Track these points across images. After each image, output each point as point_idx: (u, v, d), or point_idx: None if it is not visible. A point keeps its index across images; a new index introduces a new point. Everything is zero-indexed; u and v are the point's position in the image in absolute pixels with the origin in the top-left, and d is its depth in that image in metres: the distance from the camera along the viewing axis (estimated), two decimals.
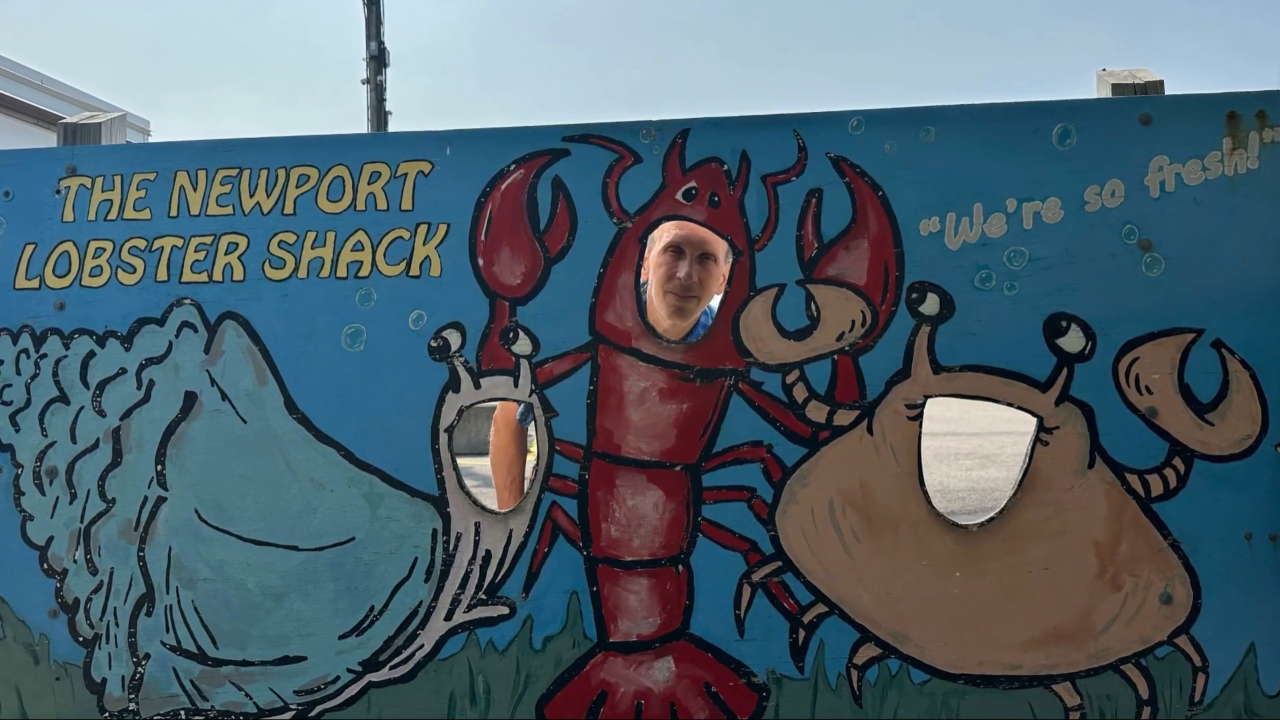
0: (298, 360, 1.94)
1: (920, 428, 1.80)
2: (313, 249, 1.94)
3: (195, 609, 1.94)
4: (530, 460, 2.29)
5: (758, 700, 1.82)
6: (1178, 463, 1.74)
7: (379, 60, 14.61)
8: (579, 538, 1.87)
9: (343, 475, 1.91)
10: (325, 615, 1.91)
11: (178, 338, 1.97)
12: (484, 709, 1.87)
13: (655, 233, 1.98)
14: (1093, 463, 1.75)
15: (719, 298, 1.92)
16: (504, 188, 1.91)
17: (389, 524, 1.90)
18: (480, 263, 1.90)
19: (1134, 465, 1.75)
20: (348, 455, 1.91)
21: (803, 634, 1.81)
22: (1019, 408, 1.78)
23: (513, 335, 1.88)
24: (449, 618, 1.88)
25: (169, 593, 1.95)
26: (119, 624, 1.96)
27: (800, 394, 1.81)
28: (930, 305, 1.79)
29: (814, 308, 1.82)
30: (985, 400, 1.79)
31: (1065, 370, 1.76)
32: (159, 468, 1.96)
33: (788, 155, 1.84)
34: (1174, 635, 1.74)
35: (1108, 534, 1.75)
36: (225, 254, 1.97)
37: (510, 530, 1.88)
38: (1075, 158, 1.79)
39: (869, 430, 1.80)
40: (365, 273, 1.93)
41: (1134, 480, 1.75)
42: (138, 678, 1.95)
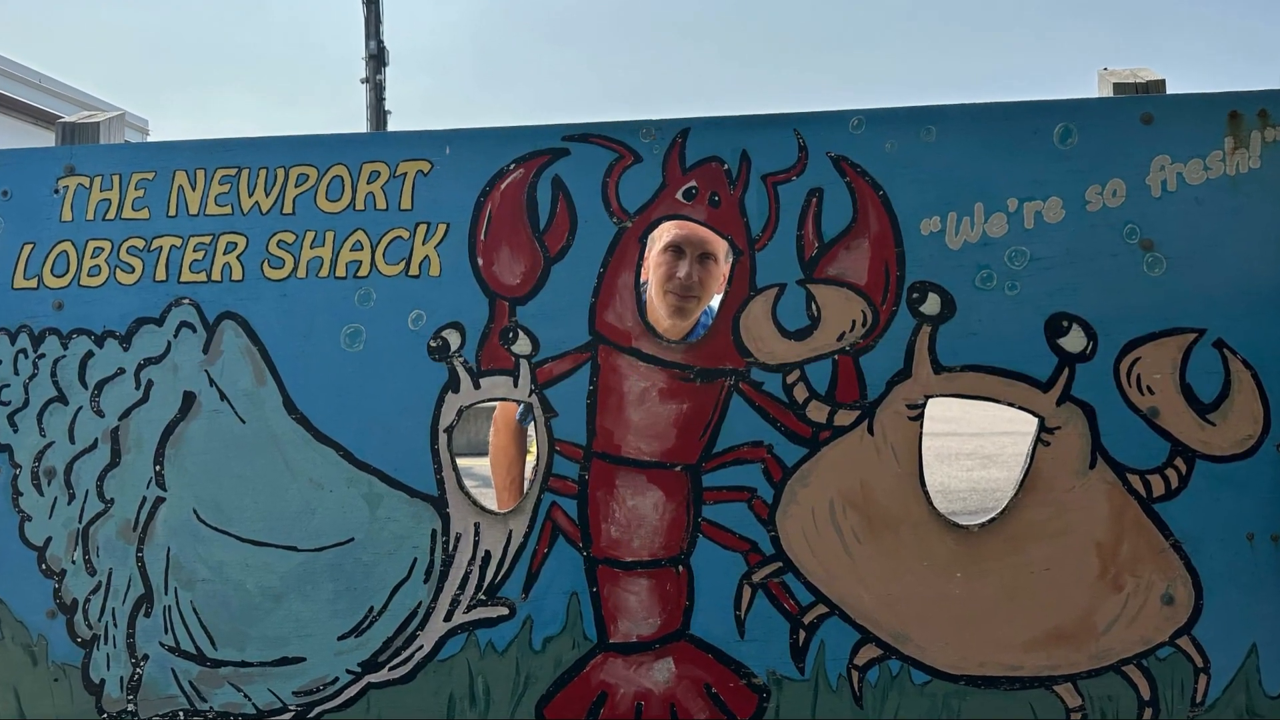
0: (297, 360, 1.93)
1: (921, 428, 1.79)
2: (312, 249, 1.94)
3: (194, 610, 1.93)
4: (530, 460, 2.29)
5: (758, 701, 1.81)
6: (1179, 463, 1.74)
7: (378, 59, 14.61)
8: (579, 538, 1.86)
9: (342, 475, 1.91)
10: (324, 616, 1.90)
11: (176, 337, 1.96)
12: (483, 710, 1.87)
13: (655, 232, 1.98)
14: (1094, 463, 1.75)
15: (719, 297, 1.91)
16: (504, 187, 1.90)
17: (388, 524, 1.89)
18: (480, 262, 1.90)
19: (1135, 465, 1.74)
20: (347, 455, 1.91)
21: (803, 635, 1.80)
22: (1020, 408, 1.77)
23: (512, 335, 1.88)
24: (448, 618, 1.88)
25: (167, 593, 1.95)
26: (117, 625, 1.95)
27: (801, 394, 1.81)
28: (931, 305, 1.79)
29: (814, 308, 1.81)
30: (986, 400, 1.78)
31: (1066, 370, 1.76)
32: (157, 468, 1.96)
33: (788, 155, 1.84)
34: (1175, 636, 1.74)
35: (1109, 534, 1.74)
36: (224, 254, 1.96)
37: (510, 531, 1.87)
38: (1076, 157, 1.78)
39: (870, 430, 1.79)
40: (364, 272, 1.92)
41: (1135, 480, 1.74)
42: (136, 679, 1.95)
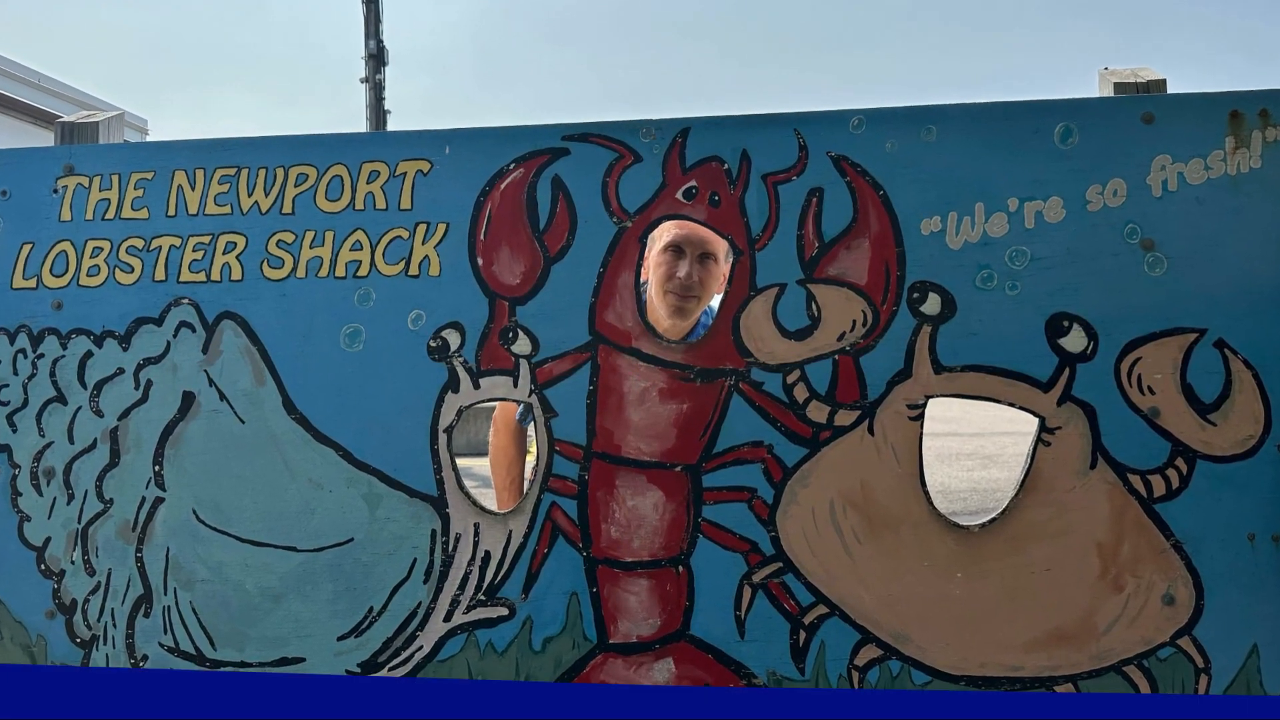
0: (296, 360, 1.93)
1: (921, 428, 1.79)
2: (311, 248, 1.94)
3: (193, 610, 1.93)
4: (530, 461, 2.28)
5: None
6: (1180, 463, 1.73)
7: (378, 59, 14.60)
8: (579, 538, 1.86)
9: (341, 476, 1.91)
10: (324, 616, 1.90)
11: (175, 337, 1.96)
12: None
13: (655, 232, 1.98)
14: (1095, 463, 1.74)
15: (719, 297, 1.91)
16: (503, 187, 1.90)
17: (388, 525, 1.89)
18: (479, 262, 1.89)
19: (1136, 466, 1.74)
20: (346, 455, 1.91)
21: (803, 635, 1.80)
22: (1020, 408, 1.77)
23: (512, 335, 1.87)
24: (448, 619, 1.87)
25: (167, 594, 1.94)
26: (117, 625, 1.95)
27: (801, 394, 1.81)
28: (931, 305, 1.78)
29: (815, 307, 1.81)
30: (987, 400, 1.78)
31: (1067, 370, 1.76)
32: (157, 468, 1.95)
33: (788, 154, 1.84)
34: (1176, 636, 1.73)
35: (1110, 535, 1.74)
36: (223, 253, 1.96)
37: (509, 531, 1.87)
38: (1077, 157, 1.78)
39: (870, 431, 1.79)
40: (364, 272, 1.92)
41: (1136, 481, 1.74)
42: None
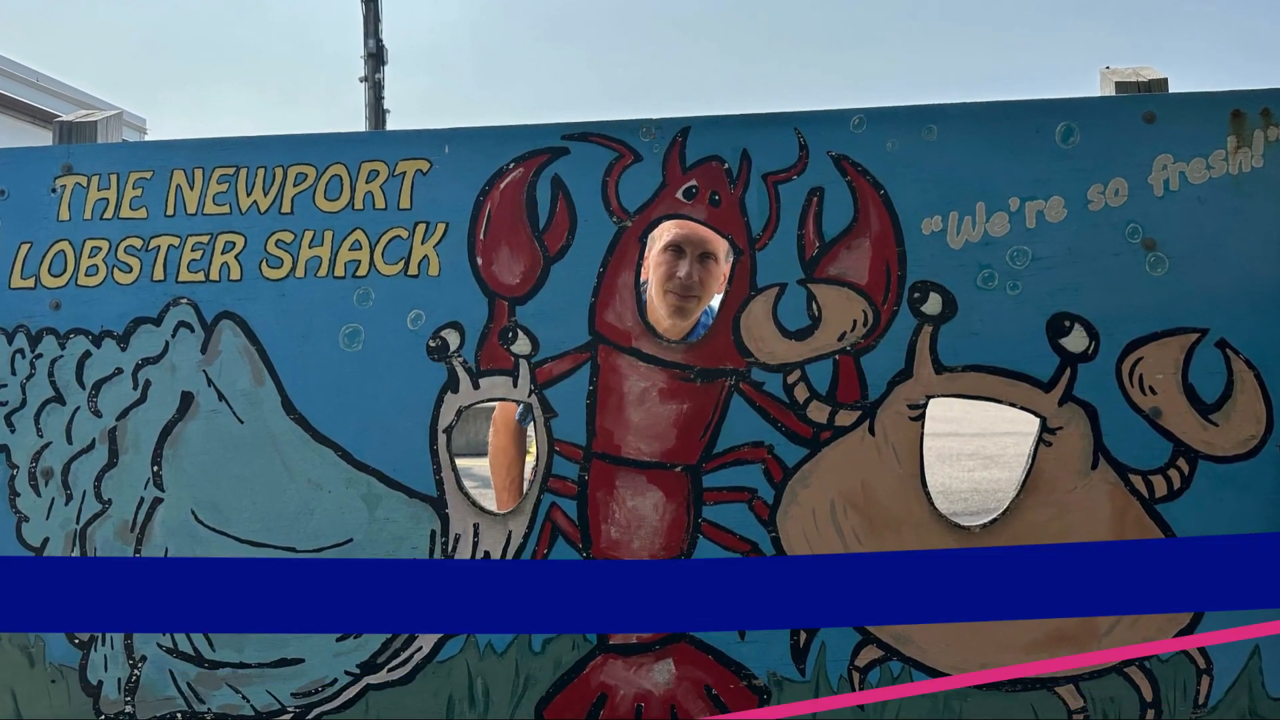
0: (295, 360, 1.92)
1: (922, 428, 1.78)
2: (310, 248, 1.93)
3: None
4: (529, 461, 2.28)
5: (759, 703, 1.81)
6: (1181, 463, 1.73)
7: (377, 58, 14.58)
8: (578, 539, 1.85)
9: (340, 476, 1.90)
10: None
11: (174, 337, 1.96)
12: (483, 711, 1.86)
13: (655, 232, 1.97)
14: (1096, 464, 1.74)
15: (719, 297, 1.91)
16: (503, 186, 1.89)
17: (387, 525, 1.88)
18: (479, 262, 1.89)
19: (1137, 466, 1.74)
20: (345, 456, 1.90)
21: (804, 636, 1.80)
22: (1022, 408, 1.77)
23: (512, 335, 1.87)
24: None
25: None
26: None
27: (801, 394, 1.80)
28: (932, 305, 1.78)
29: (815, 307, 1.81)
30: (988, 400, 1.78)
31: (1068, 370, 1.75)
32: (155, 468, 1.95)
33: (789, 154, 1.83)
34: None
35: (1111, 535, 1.73)
36: (222, 253, 1.95)
37: (509, 531, 1.86)
38: (1078, 156, 1.78)
39: (871, 431, 1.79)
40: (363, 272, 1.92)
41: (1138, 481, 1.73)
42: (134, 680, 1.94)
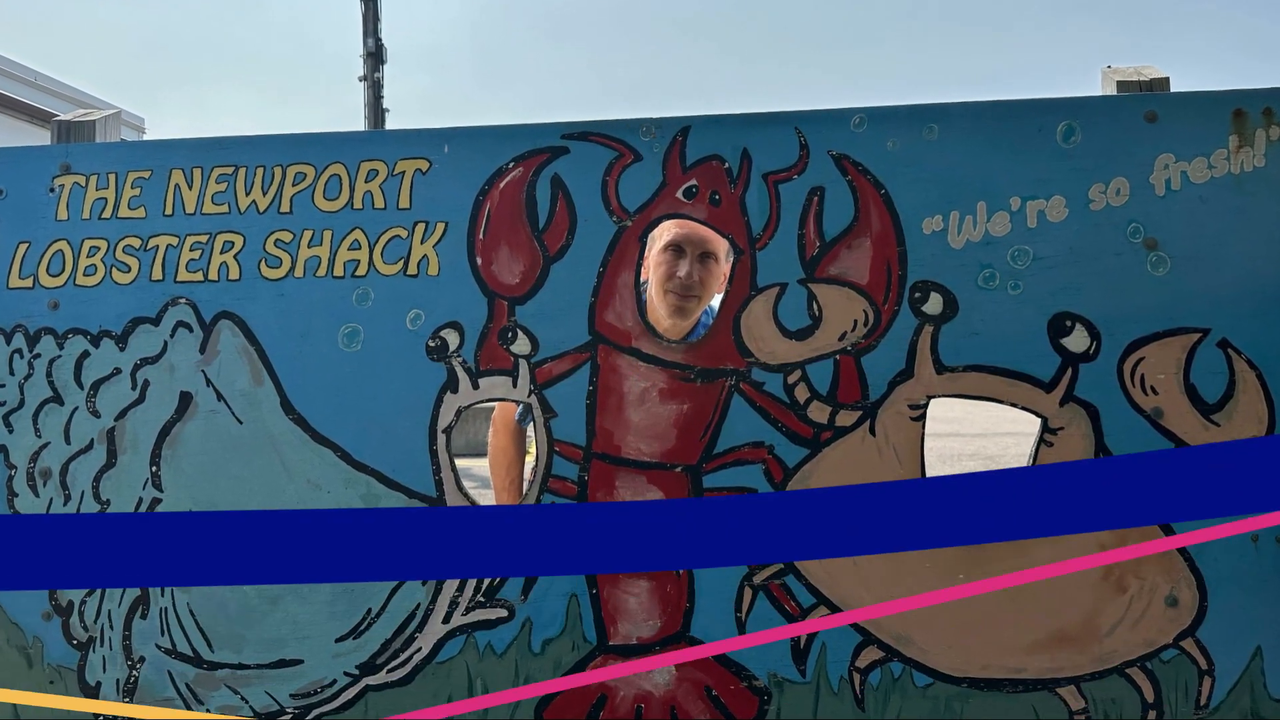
0: (294, 360, 1.92)
1: (923, 428, 1.78)
2: (309, 248, 1.92)
3: (190, 612, 1.92)
4: (529, 461, 2.27)
5: (759, 704, 1.80)
6: None
7: (376, 57, 14.56)
8: None
9: (340, 476, 1.89)
10: (322, 618, 1.89)
11: (173, 337, 1.95)
12: (482, 712, 1.85)
13: (655, 231, 1.96)
14: None
15: (720, 297, 1.90)
16: (502, 186, 1.89)
17: None
18: (479, 262, 1.88)
19: None
20: (345, 456, 1.90)
21: (804, 637, 1.79)
22: (1023, 408, 1.76)
23: (511, 335, 1.86)
24: (447, 620, 1.86)
25: (164, 595, 1.93)
26: (113, 627, 1.94)
27: (802, 394, 1.80)
28: (933, 305, 1.78)
29: (816, 307, 1.80)
30: (989, 401, 1.77)
31: (1070, 370, 1.75)
32: (154, 469, 1.94)
33: (789, 153, 1.83)
34: (1179, 638, 1.72)
35: (1113, 536, 1.73)
36: (221, 253, 1.95)
37: None
38: (1080, 155, 1.77)
39: (871, 431, 1.78)
40: (362, 272, 1.91)
41: None
42: (132, 681, 1.93)
